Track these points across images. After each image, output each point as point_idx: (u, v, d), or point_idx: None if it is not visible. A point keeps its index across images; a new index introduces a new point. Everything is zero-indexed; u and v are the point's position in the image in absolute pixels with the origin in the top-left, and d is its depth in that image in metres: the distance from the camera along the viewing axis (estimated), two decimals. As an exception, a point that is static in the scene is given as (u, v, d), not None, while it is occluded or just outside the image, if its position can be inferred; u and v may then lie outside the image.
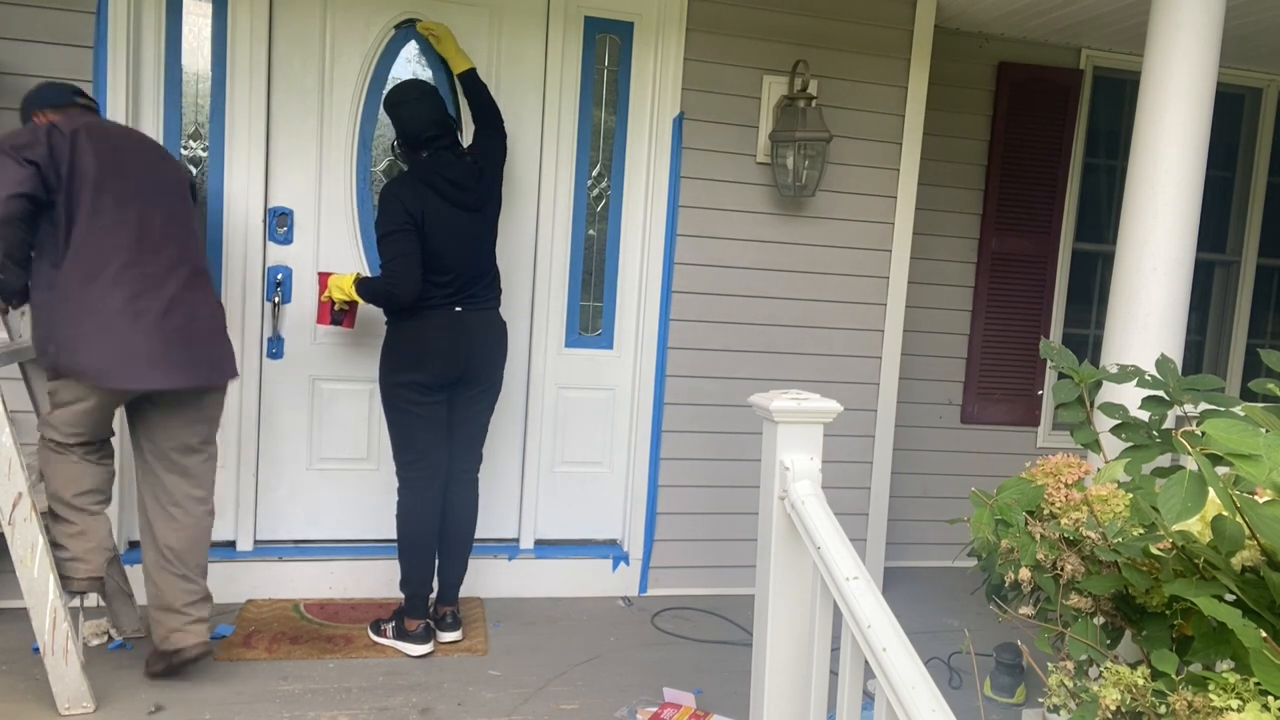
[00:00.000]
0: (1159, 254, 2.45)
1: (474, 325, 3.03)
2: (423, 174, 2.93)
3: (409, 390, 2.96)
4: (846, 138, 3.69)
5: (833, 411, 2.05)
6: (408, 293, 2.88)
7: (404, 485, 3.05)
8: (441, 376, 2.98)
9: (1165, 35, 2.45)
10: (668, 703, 2.83)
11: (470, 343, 3.01)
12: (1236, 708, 1.13)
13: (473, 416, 3.13)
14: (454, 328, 2.97)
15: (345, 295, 3.05)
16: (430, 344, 2.95)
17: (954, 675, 3.16)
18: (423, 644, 3.04)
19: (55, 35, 3.07)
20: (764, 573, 2.09)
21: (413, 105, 2.96)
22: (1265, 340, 4.81)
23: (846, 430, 3.71)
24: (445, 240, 2.93)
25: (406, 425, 3.00)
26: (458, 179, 2.95)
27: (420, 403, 2.97)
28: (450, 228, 2.93)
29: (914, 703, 1.42)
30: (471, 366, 3.03)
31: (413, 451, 3.02)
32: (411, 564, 3.04)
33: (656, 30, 3.57)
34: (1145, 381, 1.86)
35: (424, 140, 2.95)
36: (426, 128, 2.95)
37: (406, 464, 3.04)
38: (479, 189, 3.02)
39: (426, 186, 2.91)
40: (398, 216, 2.86)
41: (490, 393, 3.15)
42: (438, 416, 3.02)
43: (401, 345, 2.97)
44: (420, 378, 2.95)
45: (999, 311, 4.34)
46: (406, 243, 2.86)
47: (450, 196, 2.94)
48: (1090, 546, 1.48)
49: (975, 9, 3.86)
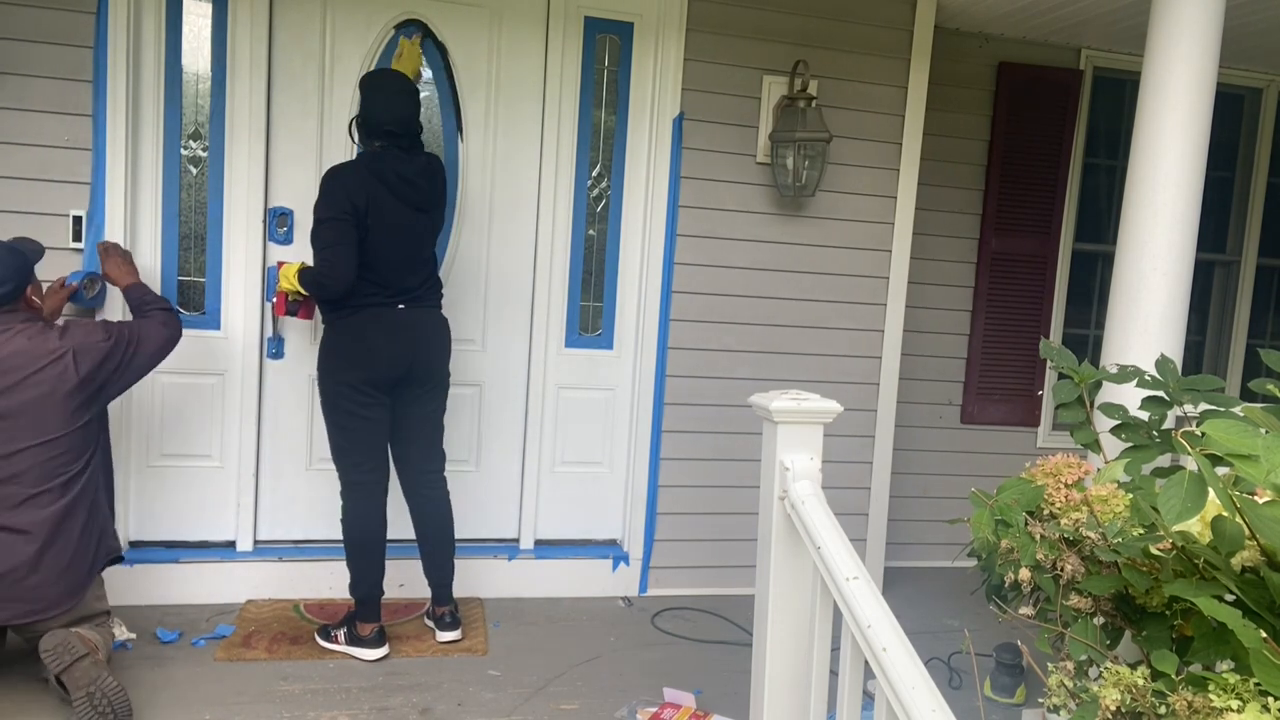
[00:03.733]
0: (1159, 254, 2.45)
1: (416, 323, 2.97)
2: (375, 165, 2.86)
3: (351, 391, 2.89)
4: (846, 138, 3.69)
5: (832, 411, 2.05)
6: (340, 283, 2.81)
7: (348, 489, 2.98)
8: (384, 376, 2.92)
9: (1165, 35, 2.45)
10: (668, 703, 2.83)
11: (413, 341, 2.96)
12: (1236, 708, 1.13)
13: (426, 415, 3.08)
14: (396, 326, 2.92)
15: (291, 285, 2.99)
16: (372, 343, 2.89)
17: (954, 675, 3.16)
18: (377, 648, 2.99)
19: (55, 35, 3.07)
20: (764, 573, 2.09)
21: (388, 96, 2.91)
22: (1265, 340, 4.81)
23: (846, 430, 3.70)
24: (388, 236, 2.86)
25: (349, 428, 2.93)
26: (410, 176, 2.90)
27: (363, 404, 2.91)
28: (395, 224, 2.87)
29: (914, 703, 1.42)
30: (416, 365, 2.97)
31: (356, 455, 2.96)
32: (360, 568, 2.98)
33: (656, 30, 3.57)
34: (1145, 382, 1.86)
35: (382, 132, 2.89)
36: (390, 122, 2.88)
37: (350, 467, 2.97)
38: (430, 190, 2.97)
39: (376, 179, 2.84)
40: (339, 204, 2.79)
41: (439, 390, 3.10)
42: (380, 418, 2.96)
43: (342, 344, 2.91)
44: (362, 377, 2.88)
45: (999, 311, 4.34)
46: (343, 231, 2.79)
47: (400, 193, 2.88)
48: (1090, 547, 1.48)
49: (975, 9, 3.86)
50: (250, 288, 3.37)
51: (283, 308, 3.11)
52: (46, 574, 2.52)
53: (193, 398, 3.38)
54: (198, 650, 2.98)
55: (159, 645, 2.99)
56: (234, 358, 3.38)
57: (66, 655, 2.41)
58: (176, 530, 3.41)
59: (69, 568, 2.57)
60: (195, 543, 3.43)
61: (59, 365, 2.57)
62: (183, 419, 3.38)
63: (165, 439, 3.37)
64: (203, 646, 3.00)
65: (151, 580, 3.28)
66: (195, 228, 3.34)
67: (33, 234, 3.08)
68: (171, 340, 2.84)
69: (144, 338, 2.76)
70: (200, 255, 3.35)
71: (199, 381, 3.38)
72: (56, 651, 2.41)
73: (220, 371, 3.39)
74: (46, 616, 2.53)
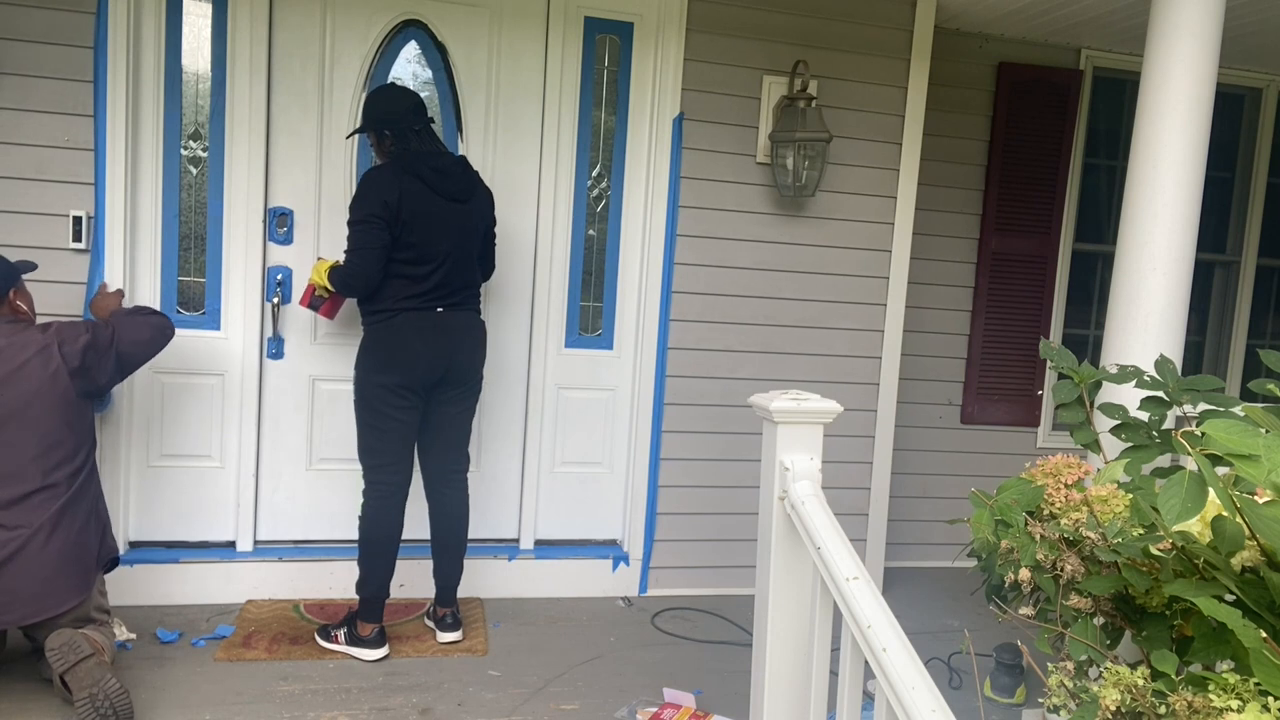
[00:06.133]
0: (1159, 254, 2.45)
1: (455, 327, 2.98)
2: (408, 163, 2.87)
3: (387, 392, 2.91)
4: (846, 138, 3.69)
5: (832, 412, 2.05)
6: (363, 286, 2.85)
7: (371, 488, 2.99)
8: (422, 379, 2.93)
9: (1165, 36, 2.45)
10: (668, 703, 2.83)
11: (451, 345, 2.96)
12: (1236, 708, 1.13)
13: (457, 416, 3.09)
14: (435, 330, 2.93)
15: (321, 280, 3.02)
16: (410, 346, 2.90)
17: (954, 675, 3.16)
18: (377, 649, 3.00)
19: (55, 35, 3.07)
20: (764, 573, 2.09)
21: (389, 91, 2.97)
22: (1265, 340, 4.81)
23: (846, 430, 3.71)
24: (428, 232, 2.87)
25: (380, 427, 2.95)
26: (444, 167, 2.91)
27: (397, 405, 2.92)
28: (434, 219, 2.88)
29: (914, 703, 1.42)
30: (453, 369, 2.99)
31: (385, 455, 2.97)
32: (372, 567, 2.99)
33: (656, 30, 3.57)
34: (1145, 382, 1.86)
35: (408, 117, 2.90)
36: (407, 107, 2.91)
37: (377, 467, 2.98)
38: (465, 179, 2.97)
39: (412, 175, 2.85)
40: (372, 206, 2.81)
41: (472, 393, 3.11)
42: (412, 421, 2.98)
43: (380, 346, 2.92)
44: (400, 379, 2.90)
45: (999, 311, 4.34)
46: (373, 235, 2.81)
47: (434, 184, 2.88)
48: (1090, 547, 1.48)
49: (975, 9, 3.86)
50: (250, 288, 3.36)
51: (308, 299, 3.13)
52: (50, 571, 2.52)
53: (193, 398, 3.38)
54: (198, 650, 2.98)
55: (159, 645, 2.99)
56: (234, 358, 3.38)
57: (72, 655, 2.41)
58: (177, 530, 3.41)
59: (73, 565, 2.57)
60: (195, 543, 3.43)
61: (45, 356, 2.59)
62: (183, 419, 3.38)
63: (165, 439, 3.37)
64: (203, 647, 3.01)
65: (151, 580, 3.28)
66: (195, 228, 3.35)
67: (32, 234, 3.10)
68: (157, 327, 2.83)
69: (120, 324, 2.78)
70: (200, 255, 3.36)
71: (199, 381, 3.38)
72: (62, 651, 2.41)
73: (220, 371, 3.39)
74: (53, 615, 2.53)
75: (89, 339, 2.68)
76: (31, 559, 2.50)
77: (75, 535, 2.59)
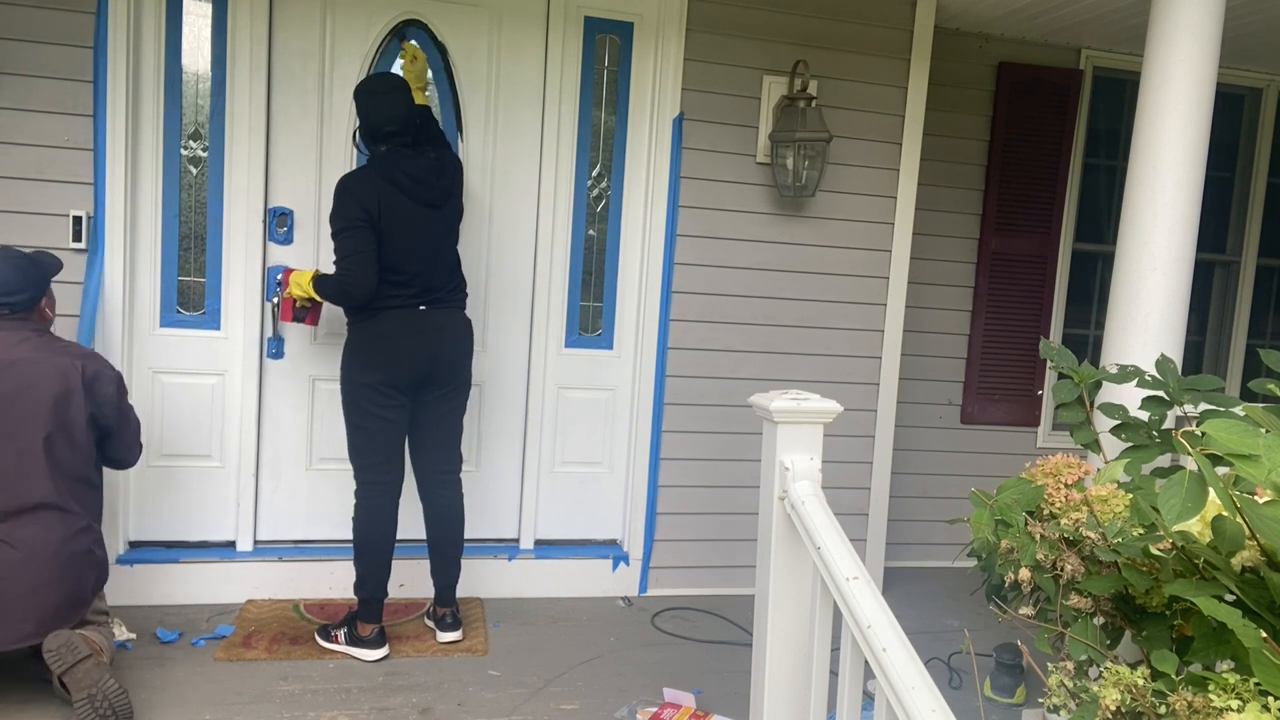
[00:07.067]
0: (1159, 254, 2.45)
1: (439, 325, 2.98)
2: (382, 168, 2.87)
3: (372, 391, 2.91)
4: (846, 138, 3.69)
5: (832, 412, 2.05)
6: (363, 291, 2.84)
7: (363, 489, 2.99)
8: (407, 378, 2.93)
9: (1165, 35, 2.45)
10: (668, 703, 2.83)
11: (436, 343, 2.96)
12: (1236, 708, 1.13)
13: (446, 415, 3.09)
14: (419, 328, 2.93)
15: (304, 293, 3.01)
16: (394, 344, 2.90)
17: (954, 675, 3.16)
18: (377, 649, 3.00)
19: (55, 35, 3.07)
20: (764, 573, 2.09)
21: (379, 98, 2.90)
22: (1265, 340, 4.81)
23: (846, 430, 3.70)
24: (405, 237, 2.87)
25: (368, 428, 2.95)
26: (417, 174, 2.90)
27: (384, 405, 2.92)
28: (410, 224, 2.88)
29: (914, 703, 1.42)
30: (439, 367, 2.99)
31: (374, 455, 2.97)
32: (368, 568, 2.98)
33: (656, 30, 3.57)
34: (1145, 382, 1.86)
35: (383, 135, 2.89)
36: (387, 122, 2.88)
37: (367, 467, 2.98)
38: (439, 185, 2.96)
39: (386, 181, 2.85)
40: (351, 212, 2.81)
41: (461, 392, 3.11)
42: (400, 420, 2.98)
43: (364, 345, 2.92)
44: (383, 378, 2.90)
45: (999, 311, 4.34)
46: (361, 239, 2.81)
47: (410, 192, 2.88)
48: (1090, 547, 1.48)
49: (975, 9, 3.86)
50: (250, 288, 3.37)
51: (289, 314, 3.12)
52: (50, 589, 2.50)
53: (193, 398, 3.38)
54: (198, 650, 2.98)
55: (159, 645, 2.99)
56: (234, 358, 3.38)
57: (70, 656, 2.41)
58: (176, 530, 3.41)
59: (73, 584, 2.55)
60: (195, 543, 3.43)
61: (67, 373, 2.57)
62: (183, 419, 3.38)
63: (165, 439, 3.37)
64: (203, 646, 3.01)
65: (151, 580, 3.28)
66: (195, 228, 3.35)
67: (32, 234, 3.09)
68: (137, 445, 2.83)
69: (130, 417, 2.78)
70: (200, 255, 3.36)
71: (199, 381, 3.38)
72: (60, 652, 2.41)
73: (220, 371, 3.39)
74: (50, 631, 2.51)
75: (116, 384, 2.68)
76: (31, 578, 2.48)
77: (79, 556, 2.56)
